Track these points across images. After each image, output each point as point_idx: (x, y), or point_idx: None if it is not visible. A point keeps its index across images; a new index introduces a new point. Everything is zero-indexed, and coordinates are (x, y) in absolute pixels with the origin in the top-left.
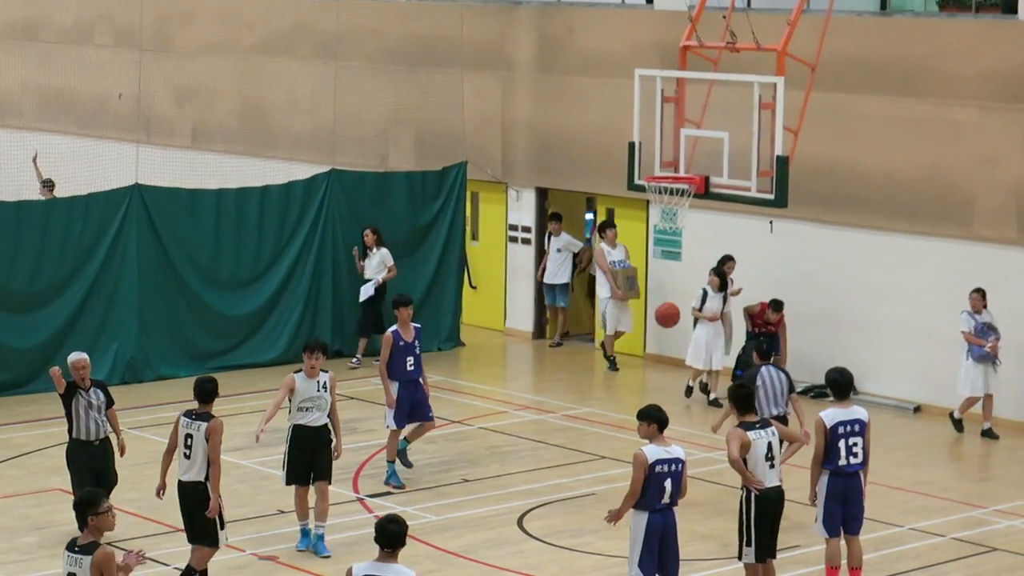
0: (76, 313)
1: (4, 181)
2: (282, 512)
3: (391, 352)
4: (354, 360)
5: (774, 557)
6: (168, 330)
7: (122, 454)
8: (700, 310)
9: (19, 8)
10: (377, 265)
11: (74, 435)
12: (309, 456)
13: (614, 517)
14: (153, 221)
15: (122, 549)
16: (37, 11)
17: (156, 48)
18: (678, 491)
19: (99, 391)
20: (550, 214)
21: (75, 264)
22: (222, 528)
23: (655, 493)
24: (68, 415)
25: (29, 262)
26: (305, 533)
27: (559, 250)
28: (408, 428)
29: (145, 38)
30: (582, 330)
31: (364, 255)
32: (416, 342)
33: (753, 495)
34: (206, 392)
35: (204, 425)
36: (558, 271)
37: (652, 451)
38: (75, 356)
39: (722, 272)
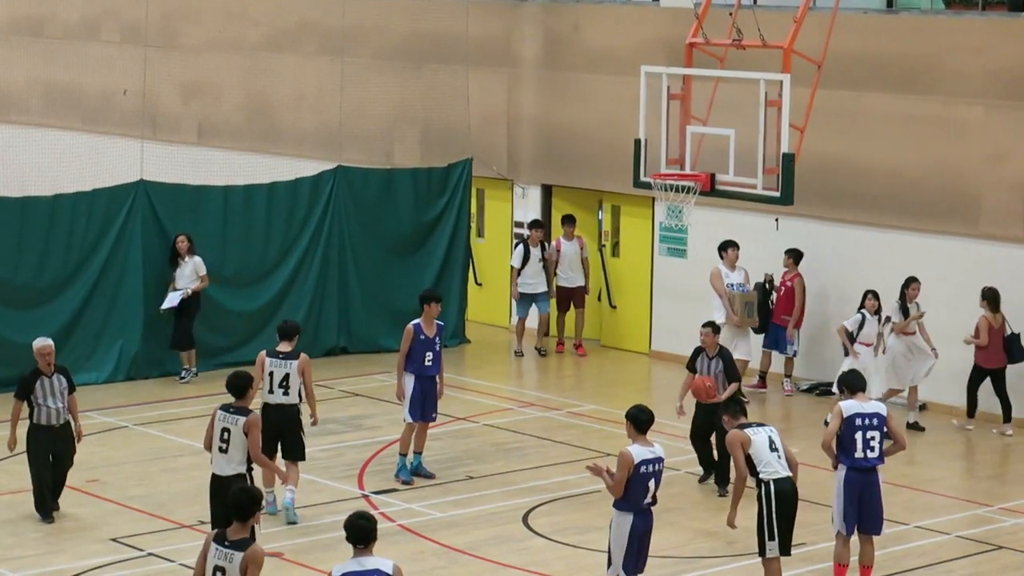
0: (80, 309)
1: (9, 177)
2: (285, 509)
3: (410, 345)
4: (182, 375)
5: (788, 554)
6: (173, 326)
7: (78, 440)
8: (856, 337)
9: (25, 4)
10: (190, 274)
11: (35, 420)
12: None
13: (597, 471)
14: (158, 217)
15: (131, 547)
16: (43, 7)
17: (162, 44)
18: (658, 489)
19: (62, 377)
20: (532, 221)
21: (80, 260)
22: (257, 523)
23: (639, 493)
24: (29, 400)
25: (34, 258)
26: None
27: (539, 260)
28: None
29: (151, 34)
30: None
31: (175, 263)
32: (437, 339)
33: (773, 490)
34: (239, 387)
35: (242, 420)
36: (539, 279)
37: (638, 451)
38: (41, 342)
39: (904, 295)
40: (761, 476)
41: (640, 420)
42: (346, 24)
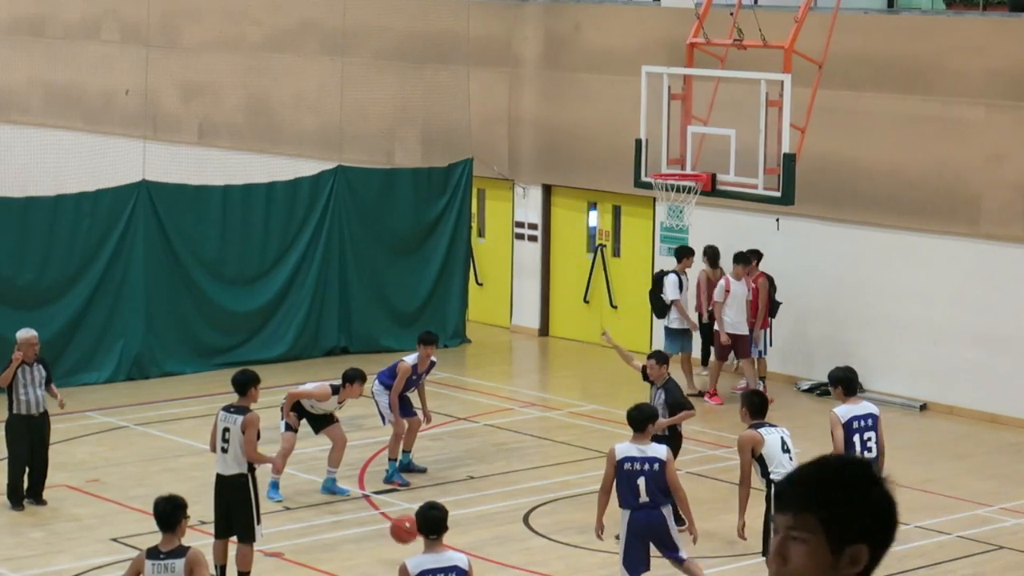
0: (83, 309)
1: (11, 177)
2: (287, 508)
3: (404, 382)
4: None
5: None
6: (174, 326)
7: (62, 407)
8: None
9: (26, 3)
10: None
11: (15, 410)
12: None
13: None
14: (160, 217)
15: (132, 547)
16: (44, 6)
17: (163, 44)
18: (659, 490)
19: (41, 366)
20: (680, 247)
21: (82, 260)
22: (258, 523)
23: (628, 491)
24: (8, 389)
25: (36, 258)
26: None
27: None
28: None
29: (152, 34)
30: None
31: None
32: (424, 374)
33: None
34: (240, 384)
35: (240, 419)
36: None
37: (623, 448)
38: (28, 333)
39: None
40: (772, 476)
41: (634, 419)
42: (347, 24)
